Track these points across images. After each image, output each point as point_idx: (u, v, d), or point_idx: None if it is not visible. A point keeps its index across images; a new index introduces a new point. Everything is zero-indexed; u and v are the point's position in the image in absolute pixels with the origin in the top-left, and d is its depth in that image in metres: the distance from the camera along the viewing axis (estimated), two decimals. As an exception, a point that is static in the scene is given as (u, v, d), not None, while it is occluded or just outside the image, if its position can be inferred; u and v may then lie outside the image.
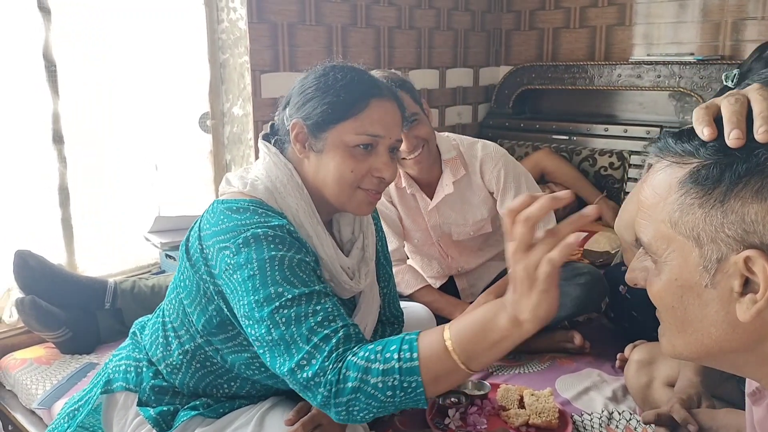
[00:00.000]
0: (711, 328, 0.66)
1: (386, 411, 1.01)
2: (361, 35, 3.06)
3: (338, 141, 1.22)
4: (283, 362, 1.05)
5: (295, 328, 1.04)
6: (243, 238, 1.11)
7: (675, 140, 0.67)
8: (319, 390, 1.01)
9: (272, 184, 1.25)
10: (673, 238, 0.66)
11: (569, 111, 3.67)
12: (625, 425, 1.65)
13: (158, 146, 2.62)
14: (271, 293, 1.07)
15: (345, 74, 1.24)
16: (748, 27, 3.03)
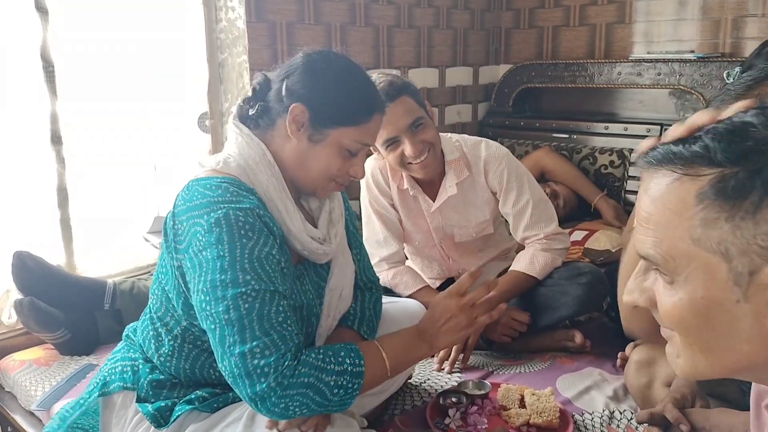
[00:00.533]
0: (743, 344, 0.63)
1: (317, 410, 1.17)
2: (360, 34, 3.06)
3: (336, 141, 1.29)
4: (234, 343, 1.12)
5: (256, 317, 1.13)
6: (215, 218, 1.16)
7: (680, 146, 0.63)
8: (264, 380, 1.11)
9: (244, 161, 1.29)
10: (694, 254, 0.62)
11: (569, 109, 3.67)
12: (627, 425, 1.64)
13: (157, 146, 2.61)
14: (238, 278, 1.14)
15: (359, 81, 1.32)
16: (748, 24, 3.02)
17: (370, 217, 2.12)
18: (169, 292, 1.30)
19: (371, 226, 2.13)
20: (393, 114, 1.82)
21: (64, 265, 2.34)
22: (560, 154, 3.26)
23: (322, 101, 1.27)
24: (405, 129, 1.87)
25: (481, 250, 2.24)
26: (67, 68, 2.31)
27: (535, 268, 2.02)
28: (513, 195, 2.05)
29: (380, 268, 2.13)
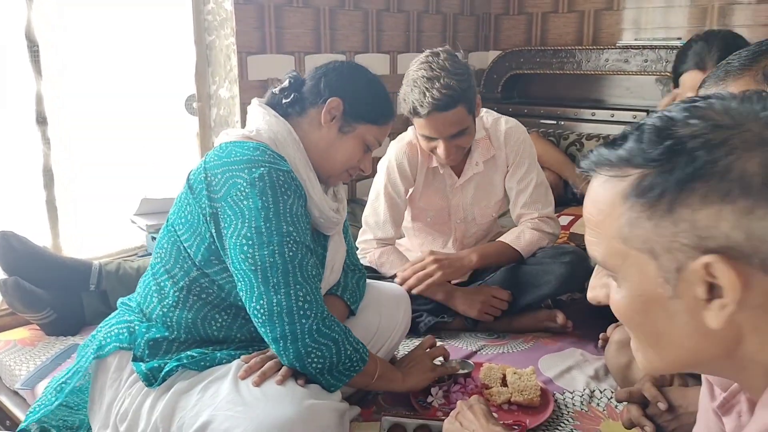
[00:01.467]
0: (683, 339, 0.64)
1: (324, 370, 1.30)
2: (349, 18, 3.05)
3: (361, 135, 1.48)
4: (279, 283, 1.25)
5: (298, 266, 1.27)
6: (258, 173, 1.28)
7: (608, 149, 0.65)
8: (305, 321, 1.25)
9: (274, 135, 1.41)
10: (627, 253, 0.64)
11: (557, 95, 3.68)
12: (606, 403, 1.67)
13: (144, 128, 2.61)
14: (282, 228, 1.27)
15: (384, 90, 1.53)
16: (735, 11, 3.04)
17: (379, 198, 2.13)
18: (185, 242, 1.36)
19: (376, 206, 2.14)
20: (441, 121, 1.87)
21: (50, 247, 2.34)
22: (548, 140, 3.28)
23: (356, 98, 1.46)
24: (445, 137, 1.91)
25: (486, 235, 2.27)
26: (53, 48, 2.29)
27: (520, 242, 2.07)
28: (522, 170, 2.11)
29: (369, 246, 2.15)
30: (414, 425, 1.45)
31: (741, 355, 0.63)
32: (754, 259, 0.58)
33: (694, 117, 0.61)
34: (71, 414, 1.50)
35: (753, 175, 0.57)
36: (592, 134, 3.26)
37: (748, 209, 0.57)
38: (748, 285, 0.59)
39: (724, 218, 0.58)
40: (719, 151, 0.58)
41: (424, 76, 1.85)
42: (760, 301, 0.59)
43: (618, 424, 1.57)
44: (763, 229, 0.57)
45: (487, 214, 2.18)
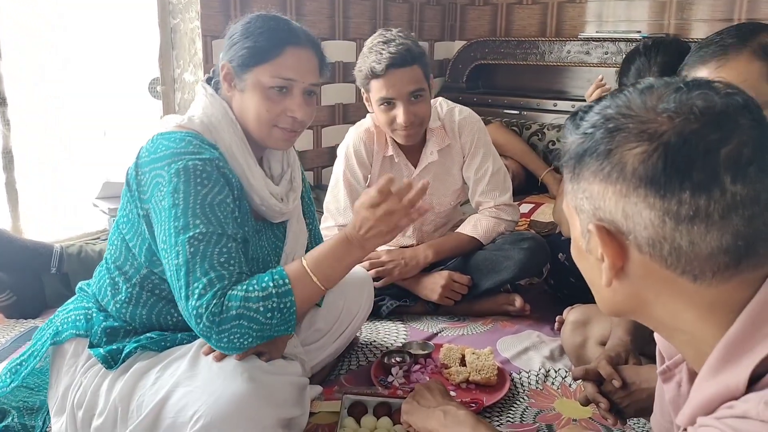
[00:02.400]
0: (601, 289, 0.73)
1: (263, 335, 1.21)
2: (317, 4, 3.05)
3: (256, 83, 1.35)
4: (182, 287, 1.20)
5: (199, 259, 1.20)
6: (175, 169, 1.23)
7: (568, 120, 0.73)
8: (201, 320, 1.18)
9: (207, 119, 1.36)
10: (569, 207, 0.73)
11: (521, 86, 3.73)
12: (561, 382, 1.72)
13: (107, 111, 2.58)
14: (189, 223, 1.21)
15: (265, 22, 1.37)
16: (693, 6, 3.12)
17: (338, 185, 2.15)
18: (129, 240, 1.34)
19: (336, 192, 2.16)
20: (399, 78, 1.90)
21: (10, 229, 2.32)
22: (510, 130, 3.33)
23: (236, 51, 1.36)
24: (404, 96, 1.93)
25: (447, 222, 2.30)
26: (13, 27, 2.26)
27: (478, 231, 2.12)
28: (477, 160, 2.14)
29: (331, 232, 2.17)
30: (374, 403, 1.49)
31: (657, 317, 0.71)
32: (629, 236, 0.65)
33: (615, 104, 0.67)
34: (31, 395, 1.49)
35: (627, 163, 0.63)
36: (554, 124, 3.32)
37: (624, 193, 0.64)
38: (628, 257, 0.67)
39: (608, 196, 0.65)
40: (609, 136, 0.65)
41: (380, 42, 1.92)
42: (643, 274, 0.67)
43: (571, 401, 1.63)
44: (634, 212, 0.64)
45: (445, 203, 2.22)
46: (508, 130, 3.30)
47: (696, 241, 0.62)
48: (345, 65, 3.21)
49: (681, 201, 0.61)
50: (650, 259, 0.65)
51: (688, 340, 0.69)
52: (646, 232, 0.64)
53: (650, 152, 0.62)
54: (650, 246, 0.64)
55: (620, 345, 1.43)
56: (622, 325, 1.48)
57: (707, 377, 0.66)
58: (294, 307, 1.23)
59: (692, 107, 0.62)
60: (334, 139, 2.21)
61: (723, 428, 0.61)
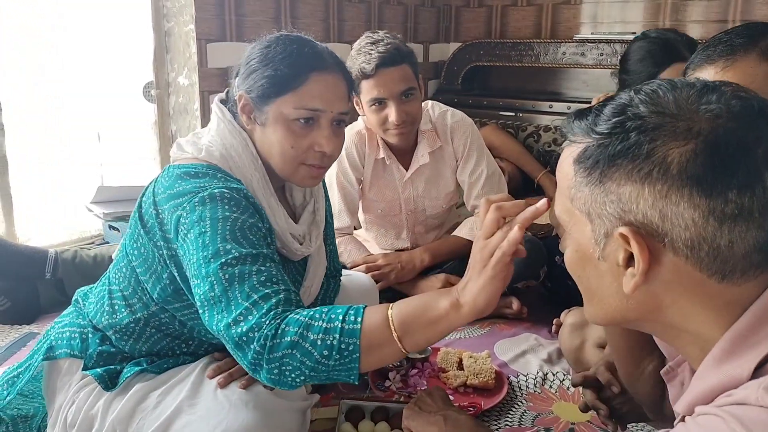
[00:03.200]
0: (609, 298, 0.71)
1: (317, 376, 0.99)
2: (311, 7, 3.05)
3: (278, 115, 1.22)
4: (221, 318, 1.03)
5: (238, 285, 1.03)
6: (200, 198, 1.11)
7: (574, 118, 0.71)
8: (251, 346, 0.99)
9: (227, 152, 1.24)
10: (572, 211, 0.71)
11: (516, 88, 3.74)
12: (559, 385, 1.72)
13: (101, 115, 2.57)
14: (219, 249, 1.06)
15: (287, 46, 1.23)
16: (688, 7, 3.13)
17: (332, 188, 2.15)
18: (141, 275, 1.24)
19: (330, 195, 2.14)
20: (390, 77, 1.90)
21: (4, 235, 2.30)
22: (506, 132, 3.33)
23: (254, 81, 1.23)
24: (396, 95, 1.93)
25: (441, 225, 2.30)
26: (7, 33, 2.25)
27: (474, 234, 2.11)
28: (471, 163, 2.14)
29: (326, 237, 2.17)
30: (372, 407, 1.48)
31: (667, 322, 0.69)
32: (665, 239, 0.64)
33: (646, 102, 0.65)
34: (26, 402, 1.47)
35: (672, 162, 0.62)
36: (549, 126, 3.32)
37: (664, 192, 0.62)
38: (658, 261, 0.65)
39: (643, 197, 0.63)
40: (648, 135, 0.63)
41: (368, 43, 1.92)
42: (671, 278, 0.65)
43: (569, 404, 1.62)
44: (674, 213, 0.62)
45: (437, 206, 2.21)
46: (503, 132, 3.30)
47: (735, 241, 0.62)
48: (340, 68, 3.20)
49: (727, 200, 0.61)
50: (685, 261, 0.64)
51: (693, 340, 0.69)
52: (687, 233, 0.62)
53: (697, 151, 0.61)
54: (688, 248, 0.63)
55: None
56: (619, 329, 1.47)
57: (710, 367, 0.66)
58: (357, 353, 0.97)
59: (731, 107, 0.63)
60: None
61: (722, 415, 0.60)
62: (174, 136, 2.73)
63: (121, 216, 2.42)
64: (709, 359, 0.66)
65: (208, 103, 2.64)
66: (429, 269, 2.14)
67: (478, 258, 0.95)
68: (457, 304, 0.96)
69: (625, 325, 0.75)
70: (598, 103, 0.71)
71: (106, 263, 2.12)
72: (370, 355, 0.98)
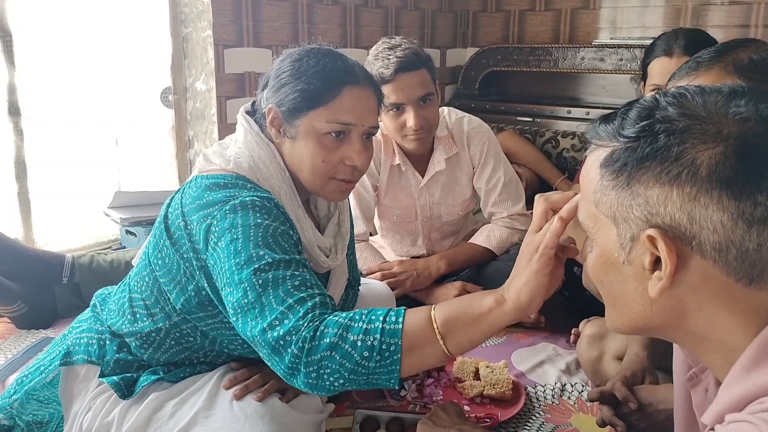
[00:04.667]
0: (633, 303, 0.70)
1: (357, 380, 0.97)
2: (328, 12, 3.05)
3: (310, 129, 1.22)
4: (255, 324, 1.02)
5: (272, 289, 1.03)
6: (231, 206, 1.11)
7: (600, 122, 0.70)
8: (289, 349, 0.97)
9: (255, 164, 1.24)
10: (597, 216, 0.70)
11: (534, 93, 3.70)
12: (577, 397, 1.69)
13: (119, 120, 2.58)
14: (252, 255, 1.06)
15: (319, 60, 1.23)
16: (709, 12, 3.09)
17: None
18: (164, 285, 1.23)
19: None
20: (408, 82, 1.89)
21: (22, 239, 2.32)
22: (524, 137, 3.30)
23: (285, 94, 1.23)
24: (414, 100, 1.92)
25: (457, 232, 2.28)
26: (27, 39, 2.26)
27: (491, 241, 2.09)
28: (488, 170, 2.12)
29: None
30: (387, 418, 1.46)
31: (691, 329, 0.68)
32: (693, 241, 0.63)
33: (674, 104, 0.65)
34: (41, 408, 1.47)
35: (701, 164, 0.61)
36: (568, 132, 3.29)
37: (693, 195, 0.62)
38: (685, 264, 0.64)
39: (672, 199, 0.63)
40: (677, 138, 0.63)
41: (385, 48, 1.92)
42: (698, 282, 0.64)
43: (588, 416, 1.60)
44: (703, 216, 0.62)
45: (453, 213, 2.20)
46: (521, 138, 3.27)
47: (763, 244, 0.61)
48: (357, 73, 3.19)
49: (756, 203, 0.61)
50: (713, 265, 0.63)
51: (717, 348, 0.68)
52: (715, 236, 0.62)
53: (727, 154, 0.61)
54: (716, 251, 0.62)
55: (636, 362, 1.40)
56: (639, 340, 1.45)
57: (738, 377, 0.65)
58: (398, 354, 0.95)
59: (760, 111, 0.63)
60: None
61: (755, 422, 0.59)
62: (191, 141, 2.74)
63: (138, 221, 2.42)
64: (737, 369, 0.65)
65: (225, 108, 2.64)
66: (445, 277, 2.12)
67: (525, 253, 0.93)
68: (501, 300, 0.94)
69: (646, 332, 0.73)
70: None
71: (123, 268, 2.13)
72: (411, 356, 0.96)
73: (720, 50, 1.18)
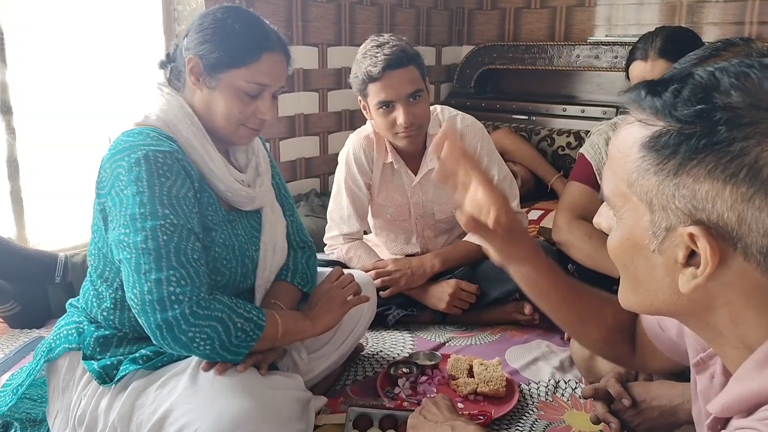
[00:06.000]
0: (658, 291, 0.67)
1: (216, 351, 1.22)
2: (322, 10, 3.04)
3: (230, 84, 1.36)
4: (150, 270, 1.19)
5: (173, 249, 1.21)
6: (135, 158, 1.23)
7: (646, 93, 0.65)
8: (177, 307, 1.18)
9: (164, 115, 1.36)
10: (629, 197, 0.66)
11: (529, 91, 3.70)
12: (571, 394, 1.69)
13: (112, 118, 2.57)
14: (157, 211, 1.21)
15: (243, 23, 1.37)
16: (704, 9, 3.08)
17: (340, 192, 2.13)
18: (102, 247, 1.34)
19: (339, 200, 2.14)
20: (397, 79, 1.89)
21: (15, 238, 2.31)
22: (519, 135, 3.29)
23: (208, 49, 1.35)
24: (404, 97, 1.92)
25: (451, 230, 2.27)
26: (19, 37, 2.25)
27: None
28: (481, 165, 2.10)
29: (336, 242, 2.15)
30: (380, 415, 1.46)
31: (714, 322, 0.66)
32: (738, 243, 0.60)
33: (739, 88, 0.59)
34: (35, 407, 1.48)
35: (764, 165, 0.57)
36: (563, 130, 3.29)
37: (749, 196, 0.58)
38: (725, 264, 0.61)
39: (723, 197, 0.59)
40: (741, 132, 0.58)
41: (373, 46, 1.91)
42: (732, 280, 0.62)
43: (581, 413, 1.60)
44: (754, 218, 0.58)
45: (446, 211, 2.18)
46: (516, 136, 3.27)
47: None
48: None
49: None
50: (756, 267, 0.60)
51: (735, 344, 0.66)
52: (765, 239, 0.58)
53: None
54: (762, 254, 0.59)
55: None
56: None
57: (750, 370, 0.63)
58: (254, 342, 1.27)
59: None
60: (341, 146, 2.19)
61: (763, 429, 0.58)
62: (185, 139, 2.73)
63: (131, 220, 2.41)
64: (750, 362, 0.63)
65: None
66: (440, 275, 2.11)
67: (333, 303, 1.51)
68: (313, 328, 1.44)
69: (664, 315, 0.71)
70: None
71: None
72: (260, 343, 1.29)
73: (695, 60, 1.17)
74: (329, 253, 2.17)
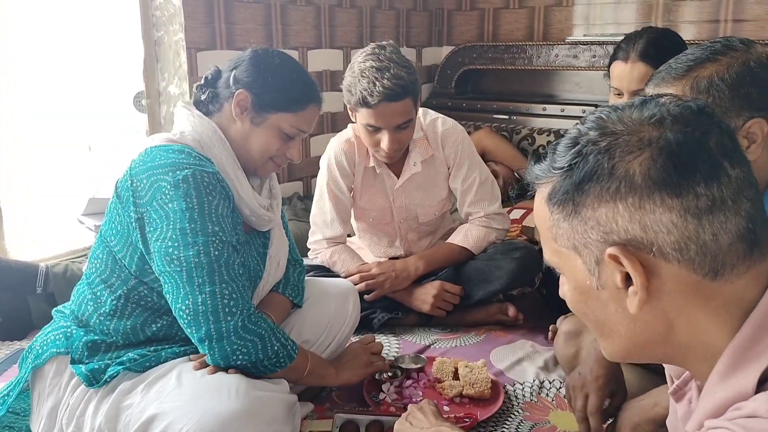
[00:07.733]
0: (617, 326, 0.70)
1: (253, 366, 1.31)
2: (302, 13, 3.03)
3: (275, 125, 1.45)
4: (204, 282, 1.26)
5: (224, 264, 1.29)
6: (183, 175, 1.28)
7: (534, 163, 0.73)
8: (230, 318, 1.26)
9: (199, 136, 1.41)
10: (560, 251, 0.71)
11: (509, 91, 3.72)
12: (555, 393, 1.70)
13: (91, 126, 2.55)
14: (207, 227, 1.28)
15: (297, 72, 1.50)
16: (680, 8, 3.12)
17: (323, 197, 2.13)
18: (118, 253, 1.36)
19: (321, 205, 2.14)
20: (389, 111, 1.87)
21: (-6, 249, 2.28)
22: (500, 135, 3.31)
23: (263, 88, 1.43)
24: (391, 127, 1.91)
25: (434, 232, 2.28)
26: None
27: (468, 240, 2.10)
28: (463, 170, 2.12)
29: (320, 246, 2.15)
30: (366, 421, 1.47)
31: (677, 341, 0.68)
32: (653, 248, 0.64)
33: (593, 127, 0.67)
34: (17, 420, 1.48)
35: (634, 173, 0.63)
36: (543, 129, 3.31)
37: (638, 204, 0.64)
38: (653, 272, 0.65)
39: (620, 214, 0.64)
40: (605, 155, 0.65)
41: (372, 67, 1.85)
42: (671, 287, 0.65)
43: (566, 413, 1.61)
44: (653, 221, 0.63)
45: (429, 213, 2.19)
46: (497, 136, 3.29)
47: (718, 232, 0.63)
48: (332, 74, 3.19)
49: (697, 194, 0.62)
50: (678, 265, 0.64)
51: (703, 355, 0.68)
52: (671, 236, 0.63)
53: (655, 157, 0.63)
54: (677, 251, 0.64)
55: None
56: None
57: (716, 383, 0.66)
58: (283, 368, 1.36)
59: (671, 111, 0.66)
60: (323, 149, 2.19)
61: (733, 428, 0.60)
62: (165, 145, 2.71)
63: (112, 228, 2.40)
64: (715, 376, 0.66)
65: (200, 112, 2.62)
66: (424, 277, 2.12)
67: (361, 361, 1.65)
68: (336, 378, 1.57)
69: (640, 355, 0.73)
70: None
71: (98, 276, 2.10)
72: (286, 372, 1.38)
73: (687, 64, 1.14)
74: (313, 257, 2.17)
